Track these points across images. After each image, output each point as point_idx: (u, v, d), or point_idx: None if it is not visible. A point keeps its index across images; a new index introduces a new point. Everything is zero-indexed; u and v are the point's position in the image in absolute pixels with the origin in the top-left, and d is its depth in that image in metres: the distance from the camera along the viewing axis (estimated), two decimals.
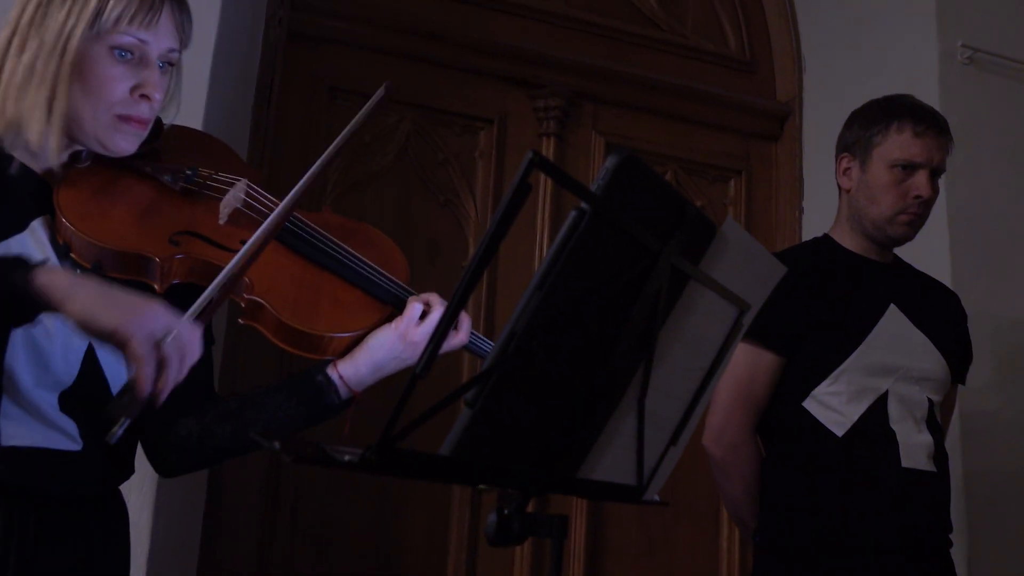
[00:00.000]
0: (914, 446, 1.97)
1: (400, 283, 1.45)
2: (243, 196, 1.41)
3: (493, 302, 2.79)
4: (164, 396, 1.11)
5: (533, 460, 1.01)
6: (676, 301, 1.08)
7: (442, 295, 1.44)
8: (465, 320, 1.44)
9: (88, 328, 1.08)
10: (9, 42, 1.29)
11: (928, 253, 2.78)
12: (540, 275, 0.87)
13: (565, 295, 0.90)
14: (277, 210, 1.33)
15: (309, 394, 1.38)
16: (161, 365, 1.09)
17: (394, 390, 1.23)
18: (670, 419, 1.19)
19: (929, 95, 2.90)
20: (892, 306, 2.05)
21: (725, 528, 2.96)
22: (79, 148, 1.34)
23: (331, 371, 1.39)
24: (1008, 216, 2.89)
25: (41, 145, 1.29)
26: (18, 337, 1.23)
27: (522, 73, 2.94)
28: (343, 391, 1.39)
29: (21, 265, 1.10)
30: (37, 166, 1.33)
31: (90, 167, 1.35)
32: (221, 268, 1.31)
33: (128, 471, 1.42)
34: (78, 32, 1.26)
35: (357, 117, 1.41)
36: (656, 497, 1.25)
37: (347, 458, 0.77)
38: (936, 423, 2.04)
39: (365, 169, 2.74)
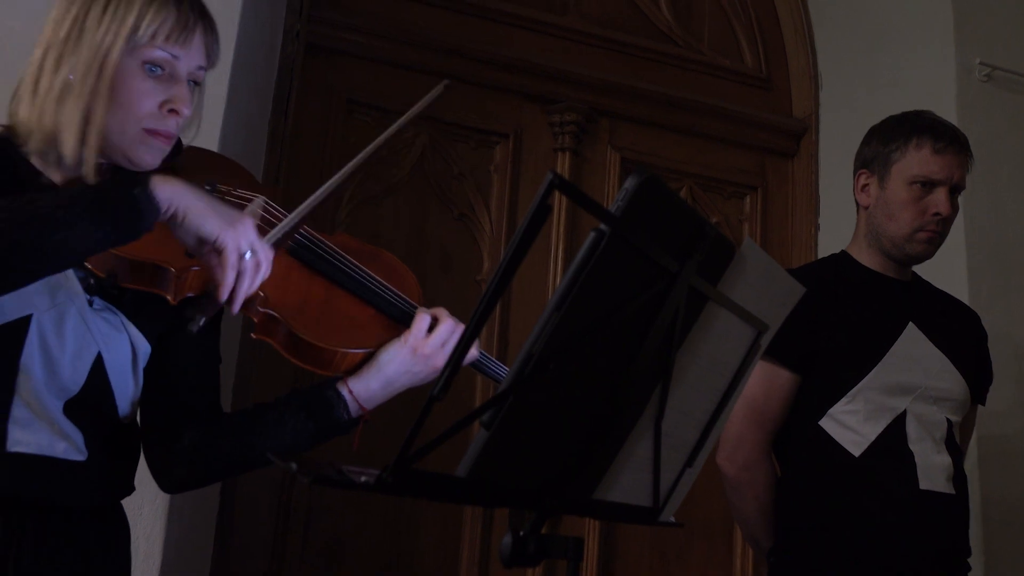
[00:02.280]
0: (932, 467, 1.94)
1: (412, 303, 1.44)
2: (260, 212, 1.43)
3: (507, 321, 2.78)
4: (238, 304, 1.24)
5: (549, 481, 1.00)
6: (694, 322, 1.08)
7: (456, 309, 1.45)
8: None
9: (193, 232, 1.19)
10: (44, 57, 1.30)
11: (945, 271, 2.75)
12: (558, 297, 0.86)
13: (583, 316, 0.89)
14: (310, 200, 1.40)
15: (318, 409, 1.38)
16: (240, 276, 1.22)
17: (405, 410, 1.23)
18: (687, 441, 1.19)
19: (946, 112, 2.87)
20: (911, 324, 2.02)
21: (739, 547, 2.94)
22: (101, 161, 1.34)
23: (341, 386, 1.38)
24: None
25: (75, 159, 1.29)
26: (34, 338, 1.23)
27: (538, 88, 2.94)
28: (352, 407, 1.38)
29: (134, 180, 1.17)
30: (57, 177, 1.33)
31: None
32: None
33: (129, 487, 1.41)
34: (116, 49, 1.28)
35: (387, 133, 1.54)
36: (672, 519, 1.24)
37: (364, 479, 0.77)
38: (955, 444, 2.02)
39: (380, 182, 2.75)
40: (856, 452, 1.93)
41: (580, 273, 0.86)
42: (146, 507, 1.88)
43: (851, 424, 1.95)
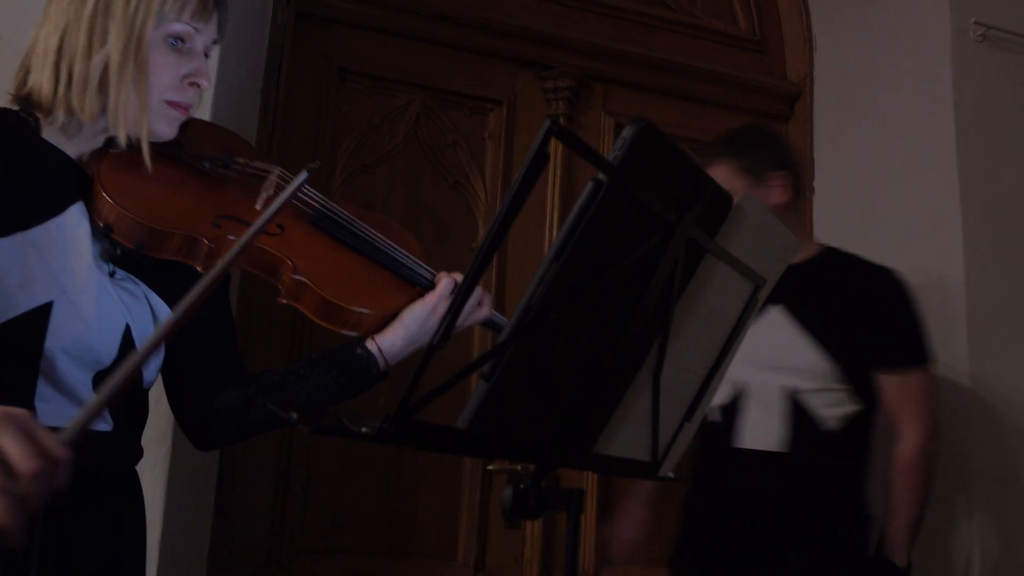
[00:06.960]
0: None
1: (425, 265, 1.52)
2: (277, 182, 1.48)
3: (503, 284, 2.78)
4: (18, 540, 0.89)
5: (549, 434, 1.01)
6: (692, 274, 1.07)
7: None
8: (487, 295, 1.51)
9: None
10: (64, 36, 1.30)
11: (940, 232, 2.76)
12: (557, 246, 0.86)
13: (581, 267, 0.89)
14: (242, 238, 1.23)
15: (350, 367, 1.46)
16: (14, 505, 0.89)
17: (410, 368, 1.25)
18: (685, 395, 1.19)
19: (942, 73, 2.87)
20: None
21: None
22: (111, 134, 1.35)
23: (370, 345, 1.47)
24: (1022, 194, 2.86)
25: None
26: (60, 321, 1.23)
27: (531, 54, 2.92)
28: (380, 362, 1.47)
29: None
30: (72, 151, 1.35)
31: (125, 152, 1.35)
32: (261, 249, 1.37)
33: (141, 452, 1.45)
34: (149, 26, 1.30)
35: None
36: (670, 474, 1.24)
37: (364, 429, 0.77)
38: None
39: (374, 151, 2.73)
40: None
41: (578, 223, 0.86)
42: (146, 474, 1.87)
43: None
